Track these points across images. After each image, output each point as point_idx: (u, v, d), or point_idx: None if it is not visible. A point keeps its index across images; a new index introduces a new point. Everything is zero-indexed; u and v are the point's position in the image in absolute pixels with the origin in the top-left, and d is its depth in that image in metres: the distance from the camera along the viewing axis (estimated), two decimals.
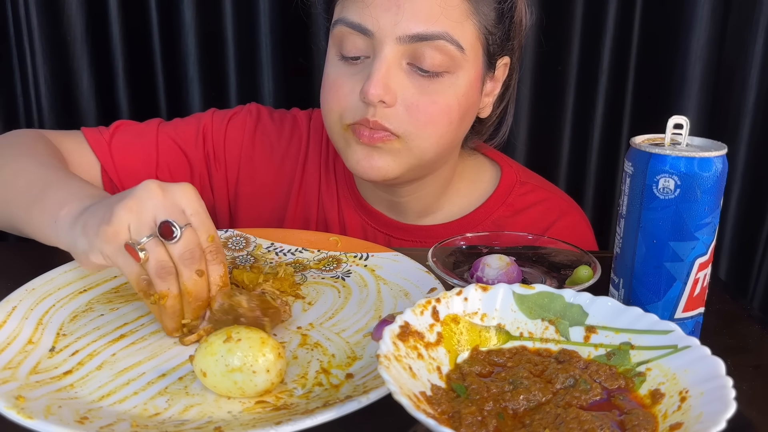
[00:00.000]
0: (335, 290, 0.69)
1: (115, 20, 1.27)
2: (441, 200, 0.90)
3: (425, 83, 0.74)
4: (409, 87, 0.74)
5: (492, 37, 0.78)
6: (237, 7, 1.27)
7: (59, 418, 0.45)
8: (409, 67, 0.74)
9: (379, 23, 0.72)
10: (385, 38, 0.72)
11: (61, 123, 1.31)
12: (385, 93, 0.73)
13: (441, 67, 0.74)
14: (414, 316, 0.48)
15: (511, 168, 0.93)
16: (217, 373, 0.49)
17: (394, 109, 0.74)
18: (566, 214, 0.91)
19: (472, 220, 0.89)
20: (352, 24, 0.74)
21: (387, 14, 0.72)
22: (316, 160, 0.93)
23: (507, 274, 0.64)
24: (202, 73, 1.31)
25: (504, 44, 0.80)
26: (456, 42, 0.73)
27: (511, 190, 0.90)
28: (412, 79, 0.74)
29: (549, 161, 1.34)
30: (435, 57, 0.73)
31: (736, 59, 1.23)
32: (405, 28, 0.72)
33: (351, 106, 0.76)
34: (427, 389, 0.45)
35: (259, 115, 0.95)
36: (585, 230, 0.91)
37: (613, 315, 0.51)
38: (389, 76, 0.73)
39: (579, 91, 1.29)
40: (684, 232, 0.55)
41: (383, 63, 0.73)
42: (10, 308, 0.60)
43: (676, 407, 0.43)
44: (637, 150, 0.57)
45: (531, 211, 0.89)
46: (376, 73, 0.72)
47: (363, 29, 0.73)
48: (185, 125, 0.92)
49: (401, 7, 0.72)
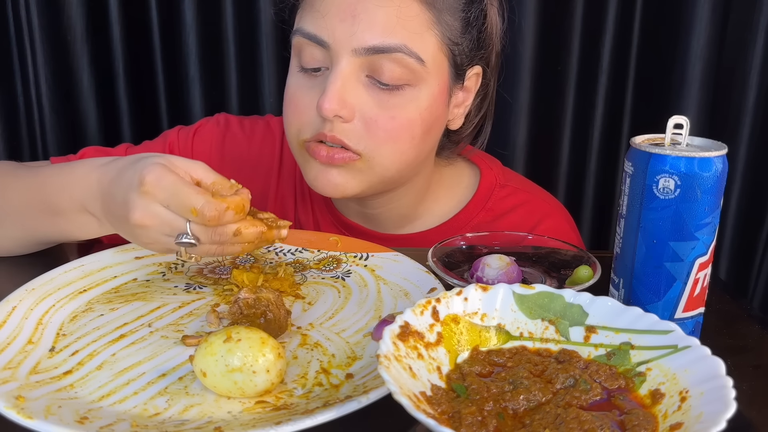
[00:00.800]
0: (335, 290, 0.69)
1: (115, 20, 1.27)
2: (418, 209, 0.88)
3: (385, 97, 0.72)
4: (368, 101, 0.72)
5: (458, 48, 0.75)
6: (237, 7, 1.27)
7: (59, 418, 0.45)
8: (368, 80, 0.72)
9: (335, 35, 0.70)
10: (341, 50, 0.70)
11: (61, 123, 1.31)
12: (341, 107, 0.70)
13: (401, 80, 0.71)
14: (414, 316, 0.48)
15: (491, 171, 0.90)
16: (217, 373, 0.49)
17: (352, 124, 0.72)
18: (548, 217, 0.88)
19: (452, 226, 0.87)
20: (308, 35, 0.72)
21: (342, 25, 0.70)
22: (291, 167, 0.91)
23: (507, 274, 0.64)
24: (202, 73, 1.31)
25: (474, 54, 0.77)
26: (415, 54, 0.70)
27: (490, 194, 0.88)
28: (371, 92, 0.72)
29: (549, 161, 1.34)
30: (394, 70, 0.70)
31: (736, 59, 1.23)
32: (360, 40, 0.69)
33: (309, 121, 0.74)
34: (427, 389, 0.45)
35: (227, 124, 0.92)
36: (568, 232, 0.89)
37: (613, 315, 0.51)
38: (346, 89, 0.70)
39: (579, 91, 1.29)
40: (684, 232, 0.55)
41: (338, 76, 0.70)
42: (10, 308, 0.60)
43: (676, 407, 0.43)
44: (637, 150, 0.57)
45: (512, 215, 0.87)
46: (331, 87, 0.70)
47: (319, 40, 0.71)
48: (152, 146, 0.90)
49: (357, 18, 0.69)
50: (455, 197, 0.89)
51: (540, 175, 1.32)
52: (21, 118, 1.33)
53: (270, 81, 1.30)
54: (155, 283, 0.70)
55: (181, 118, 1.32)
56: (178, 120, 1.31)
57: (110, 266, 0.71)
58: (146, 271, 0.72)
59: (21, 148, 1.35)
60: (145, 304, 0.65)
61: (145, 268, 0.73)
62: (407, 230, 0.89)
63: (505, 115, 1.29)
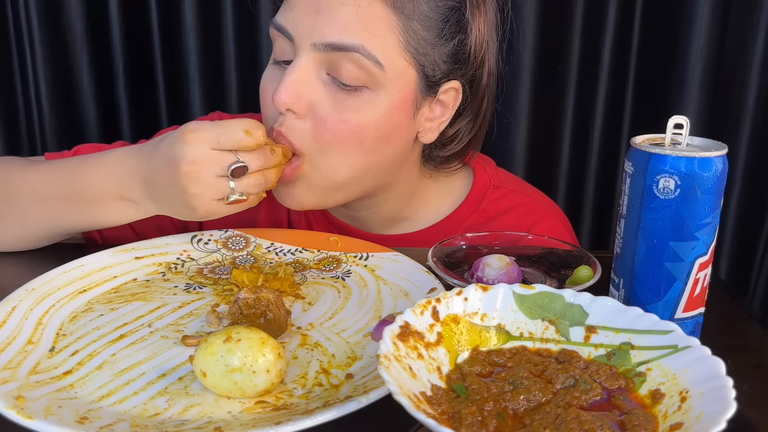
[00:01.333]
0: (335, 290, 0.69)
1: (115, 20, 1.28)
2: (406, 211, 0.87)
3: (342, 97, 0.70)
4: (324, 98, 0.70)
5: (427, 59, 0.72)
6: (237, 7, 1.27)
7: (59, 418, 0.45)
8: (328, 77, 0.70)
9: (298, 28, 0.70)
10: (302, 44, 0.70)
11: (60, 123, 1.32)
12: (294, 101, 0.70)
13: (358, 82, 0.69)
14: (414, 316, 0.48)
15: (485, 171, 0.89)
16: (217, 374, 0.49)
17: (303, 122, 0.71)
18: (543, 219, 0.87)
19: (444, 227, 0.86)
20: (278, 26, 0.72)
21: (306, 19, 0.69)
22: None
23: (507, 274, 0.64)
24: (202, 72, 1.31)
25: (450, 68, 0.74)
26: (373, 57, 0.68)
27: (484, 195, 0.87)
28: (329, 90, 0.70)
29: (549, 161, 1.34)
30: (352, 70, 0.69)
31: (736, 59, 1.23)
32: (320, 35, 0.69)
33: (271, 114, 0.74)
34: (427, 389, 0.44)
35: None
36: (564, 235, 0.87)
37: (614, 315, 0.51)
38: (301, 83, 0.70)
39: (579, 91, 1.29)
40: (684, 232, 0.55)
41: (296, 69, 0.70)
42: (10, 308, 0.60)
43: (676, 407, 0.43)
44: (637, 150, 0.57)
45: (506, 217, 0.86)
46: (286, 79, 0.69)
47: (285, 32, 0.71)
48: None
49: (320, 13, 0.69)
50: (448, 198, 0.88)
51: (540, 175, 1.33)
52: (20, 118, 1.34)
53: None
54: (155, 283, 0.70)
55: (181, 118, 1.32)
56: (177, 119, 1.31)
57: (110, 266, 0.71)
58: (146, 271, 0.72)
59: (21, 147, 1.35)
60: (145, 304, 0.65)
61: (145, 268, 0.73)
62: (396, 231, 0.88)
63: (506, 115, 1.29)
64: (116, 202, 0.71)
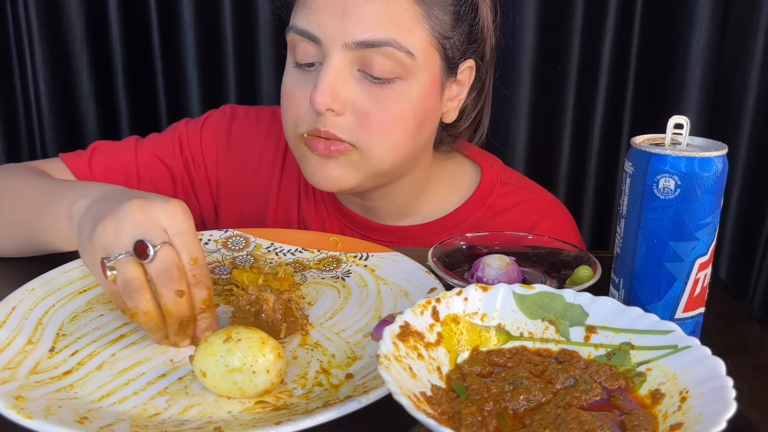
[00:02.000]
0: (335, 290, 0.69)
1: (114, 20, 1.28)
2: (417, 203, 0.89)
3: (376, 90, 0.73)
4: (360, 94, 0.73)
5: (449, 42, 0.75)
6: (236, 7, 1.27)
7: (59, 418, 0.45)
8: (360, 74, 0.73)
9: (326, 30, 0.71)
10: (332, 45, 0.71)
11: (60, 123, 1.31)
12: (333, 101, 0.71)
13: (392, 74, 0.72)
14: (414, 316, 0.48)
15: (492, 168, 0.91)
16: (217, 374, 0.49)
17: (345, 117, 0.73)
18: (548, 216, 0.88)
19: (451, 221, 0.88)
20: (301, 31, 0.73)
21: (333, 20, 0.71)
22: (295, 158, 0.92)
23: (507, 274, 0.64)
24: (201, 72, 1.31)
25: (466, 47, 0.78)
26: (404, 48, 0.71)
27: (491, 191, 0.89)
28: (363, 86, 0.73)
29: (549, 161, 1.34)
30: (384, 64, 0.71)
31: (736, 59, 1.23)
32: (351, 34, 0.70)
33: (304, 115, 0.75)
34: (427, 389, 0.44)
35: (233, 114, 0.94)
36: (568, 231, 0.89)
37: (614, 315, 0.51)
38: (337, 83, 0.72)
39: (579, 91, 1.29)
40: (684, 232, 0.55)
41: (330, 70, 0.71)
42: (10, 308, 0.60)
43: (676, 407, 0.43)
44: (637, 150, 0.57)
45: (512, 213, 0.88)
46: (323, 81, 0.71)
47: (311, 36, 0.72)
48: (161, 138, 0.92)
49: (347, 14, 0.70)
50: (456, 193, 0.90)
51: (540, 175, 1.32)
52: (20, 117, 1.34)
53: (268, 80, 1.30)
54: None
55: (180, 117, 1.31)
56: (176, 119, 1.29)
57: None
58: None
59: (20, 147, 1.35)
60: None
61: None
62: (406, 222, 0.89)
63: (506, 114, 1.29)
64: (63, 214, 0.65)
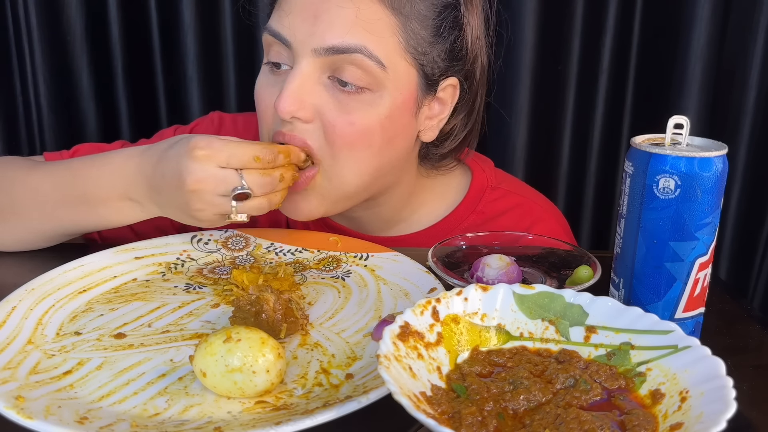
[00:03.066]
0: (335, 290, 0.69)
1: (114, 20, 1.28)
2: (403, 213, 0.87)
3: (345, 99, 0.70)
4: (328, 102, 0.70)
5: (427, 57, 0.72)
6: (235, 7, 1.27)
7: (59, 418, 0.45)
8: (330, 81, 0.70)
9: (296, 34, 0.69)
10: (301, 50, 0.69)
11: (60, 123, 1.31)
12: (298, 108, 0.69)
13: (361, 82, 0.69)
14: (414, 316, 0.48)
15: (483, 173, 0.89)
16: (217, 374, 0.49)
17: (313, 125, 0.71)
18: (540, 220, 0.87)
19: (441, 229, 0.86)
20: (273, 32, 0.71)
21: (304, 25, 0.69)
22: None
23: (507, 274, 0.64)
24: (201, 72, 1.31)
25: (448, 65, 0.75)
26: (375, 57, 0.68)
27: (481, 196, 0.87)
28: (332, 94, 0.70)
29: (549, 161, 1.34)
30: (354, 72, 0.69)
31: (736, 59, 1.23)
32: (320, 39, 0.68)
33: (271, 120, 0.73)
34: (427, 389, 0.44)
35: (221, 122, 0.93)
36: (561, 236, 0.86)
37: (614, 315, 0.51)
38: (304, 90, 0.69)
39: (579, 91, 1.29)
40: (684, 232, 0.55)
41: (297, 76, 0.69)
42: (10, 308, 0.60)
43: (676, 407, 0.43)
44: (637, 150, 0.57)
45: (503, 218, 0.86)
46: (288, 87, 0.69)
47: (282, 39, 0.70)
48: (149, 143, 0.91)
49: (318, 18, 0.68)
50: (445, 200, 0.88)
51: (540, 175, 1.33)
52: (20, 117, 1.33)
53: None
54: (155, 283, 0.70)
55: (180, 118, 1.32)
56: (176, 119, 1.31)
57: (110, 266, 0.71)
58: (146, 271, 0.72)
59: (20, 147, 1.35)
60: (145, 304, 0.65)
61: (145, 268, 0.73)
62: (394, 233, 0.88)
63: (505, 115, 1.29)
64: (121, 203, 0.71)
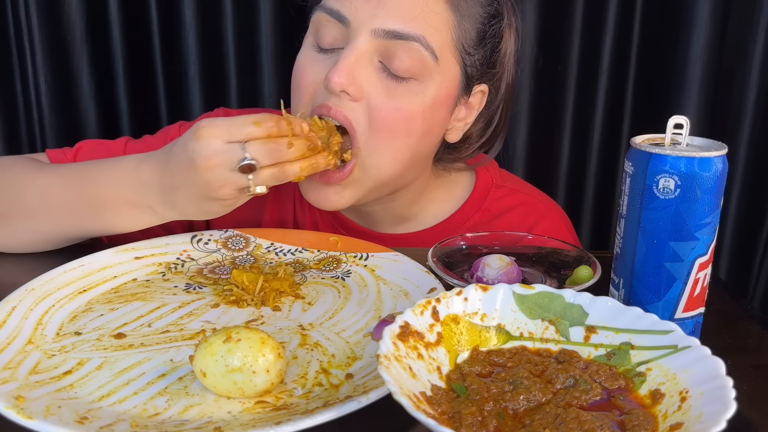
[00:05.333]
0: (335, 290, 0.69)
1: (115, 20, 1.27)
2: (413, 210, 0.88)
3: (392, 85, 0.71)
4: (377, 85, 0.71)
5: (471, 58, 0.75)
6: (237, 7, 1.27)
7: (59, 418, 0.45)
8: (380, 65, 0.71)
9: (357, 12, 0.70)
10: (360, 28, 0.70)
11: (60, 122, 1.31)
12: (350, 83, 0.69)
13: (410, 72, 0.70)
14: (414, 316, 0.48)
15: (487, 172, 0.90)
16: (217, 374, 0.49)
17: (360, 104, 0.71)
18: (544, 218, 0.88)
19: (448, 226, 0.87)
20: (330, 10, 0.72)
21: (367, 5, 0.70)
22: None
23: (507, 274, 0.64)
24: (202, 72, 1.31)
25: (484, 70, 0.77)
26: (431, 48, 0.70)
27: (486, 194, 0.88)
28: (380, 78, 0.71)
29: (549, 161, 1.34)
30: (405, 60, 0.70)
31: (736, 59, 1.23)
32: (382, 21, 0.69)
33: (314, 95, 0.73)
34: (427, 389, 0.45)
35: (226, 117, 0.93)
36: (565, 234, 0.88)
37: (614, 315, 0.51)
38: (357, 67, 0.70)
39: (579, 91, 1.29)
40: (684, 232, 0.55)
41: (353, 52, 0.69)
42: (10, 308, 0.60)
43: (676, 407, 0.43)
44: (637, 150, 0.57)
45: (508, 216, 0.87)
46: (344, 61, 0.69)
47: (340, 16, 0.71)
48: (154, 140, 0.91)
49: (382, 1, 0.69)
50: (452, 197, 0.89)
51: (540, 175, 1.33)
52: (20, 117, 1.33)
53: (269, 81, 1.30)
54: (155, 283, 0.70)
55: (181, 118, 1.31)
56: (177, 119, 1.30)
57: (110, 266, 0.71)
58: (146, 271, 0.72)
59: (20, 147, 1.35)
60: (145, 304, 0.65)
61: (145, 268, 0.73)
62: (403, 230, 0.89)
63: None
64: (130, 209, 0.71)
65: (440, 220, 0.88)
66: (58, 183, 0.74)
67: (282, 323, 0.62)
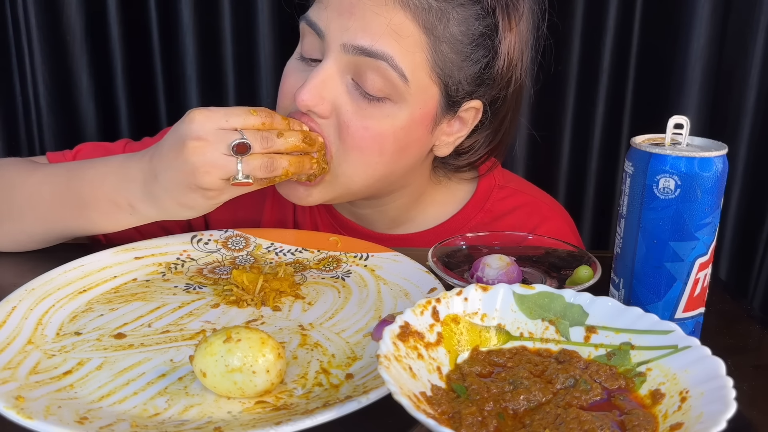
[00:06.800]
0: (335, 290, 0.69)
1: (114, 20, 1.27)
2: (412, 212, 0.87)
3: (364, 105, 0.70)
4: (347, 103, 0.70)
5: (452, 79, 0.72)
6: (235, 7, 1.27)
7: (59, 418, 0.45)
8: (352, 83, 0.70)
9: (330, 26, 0.70)
10: (333, 42, 0.70)
11: (59, 123, 1.31)
12: (317, 103, 0.70)
13: (382, 92, 0.69)
14: (414, 316, 0.48)
15: (490, 172, 0.89)
16: (217, 374, 0.49)
17: (328, 120, 0.71)
18: (548, 219, 0.88)
19: (450, 227, 0.86)
20: (309, 21, 0.72)
21: (339, 18, 0.69)
22: None
23: (507, 274, 0.64)
24: (200, 72, 1.31)
25: (473, 89, 0.75)
26: (399, 69, 0.68)
27: (489, 195, 0.88)
28: (352, 97, 0.71)
29: (549, 161, 1.34)
30: (376, 80, 0.69)
31: (736, 59, 1.23)
32: (352, 36, 0.68)
33: (290, 104, 0.73)
34: (427, 389, 0.44)
35: None
36: (568, 235, 0.88)
37: (614, 315, 0.51)
38: (326, 86, 0.70)
39: (579, 91, 1.29)
40: (684, 232, 0.55)
41: (321, 71, 0.70)
42: (10, 308, 0.60)
43: (676, 407, 0.43)
44: (637, 150, 0.57)
45: (511, 217, 0.87)
46: (312, 80, 0.69)
47: (316, 29, 0.71)
48: (152, 142, 0.89)
49: (354, 15, 0.69)
50: (454, 198, 0.89)
51: (540, 175, 1.33)
52: (19, 118, 1.33)
53: (267, 81, 1.30)
54: (155, 283, 0.70)
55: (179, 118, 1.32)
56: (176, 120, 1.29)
57: (110, 266, 0.71)
58: (146, 271, 0.72)
59: (19, 148, 1.35)
60: (145, 304, 0.65)
61: (145, 268, 0.73)
62: (401, 231, 0.88)
63: None
64: (109, 207, 0.71)
65: (441, 221, 0.88)
66: (45, 182, 0.74)
67: (282, 323, 0.62)
